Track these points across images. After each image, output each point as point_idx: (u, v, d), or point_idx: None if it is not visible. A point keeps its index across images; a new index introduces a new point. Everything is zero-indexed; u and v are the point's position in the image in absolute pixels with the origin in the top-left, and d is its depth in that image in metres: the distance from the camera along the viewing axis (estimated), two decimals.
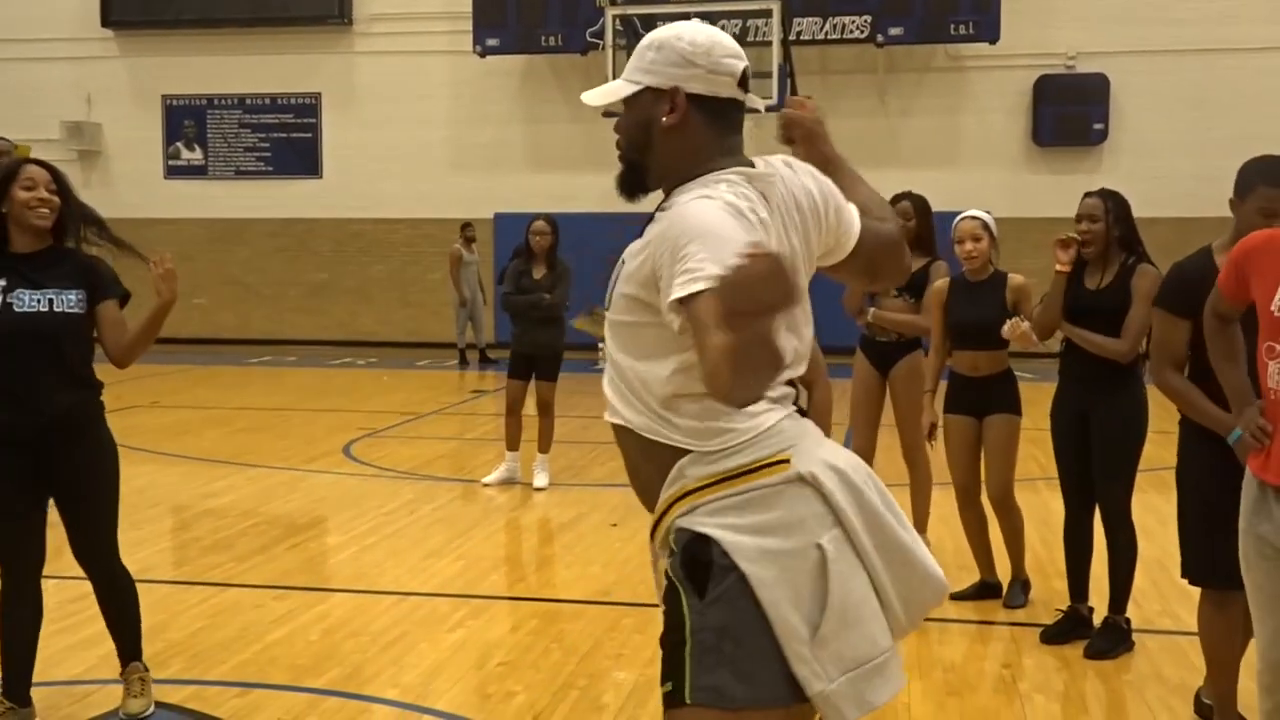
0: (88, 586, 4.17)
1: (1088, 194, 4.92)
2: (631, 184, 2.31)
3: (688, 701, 2.02)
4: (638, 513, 7.21)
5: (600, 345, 10.68)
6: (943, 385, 5.58)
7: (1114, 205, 4.80)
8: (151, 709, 4.15)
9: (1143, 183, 16.77)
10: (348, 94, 19.14)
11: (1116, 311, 4.72)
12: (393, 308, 19.02)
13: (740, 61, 2.20)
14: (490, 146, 18.58)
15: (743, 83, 2.21)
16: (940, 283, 5.52)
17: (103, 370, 4.06)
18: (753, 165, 2.20)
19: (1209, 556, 3.71)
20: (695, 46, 2.18)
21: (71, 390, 3.92)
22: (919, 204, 5.92)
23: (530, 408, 8.28)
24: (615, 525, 7.09)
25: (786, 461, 2.08)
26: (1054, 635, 5.00)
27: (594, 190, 17.87)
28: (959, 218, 5.40)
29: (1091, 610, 5.00)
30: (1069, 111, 17.13)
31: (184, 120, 19.63)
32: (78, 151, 19.59)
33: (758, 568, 2.02)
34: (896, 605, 2.11)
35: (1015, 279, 5.31)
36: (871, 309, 5.99)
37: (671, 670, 2.07)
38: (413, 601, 5.57)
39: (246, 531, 6.95)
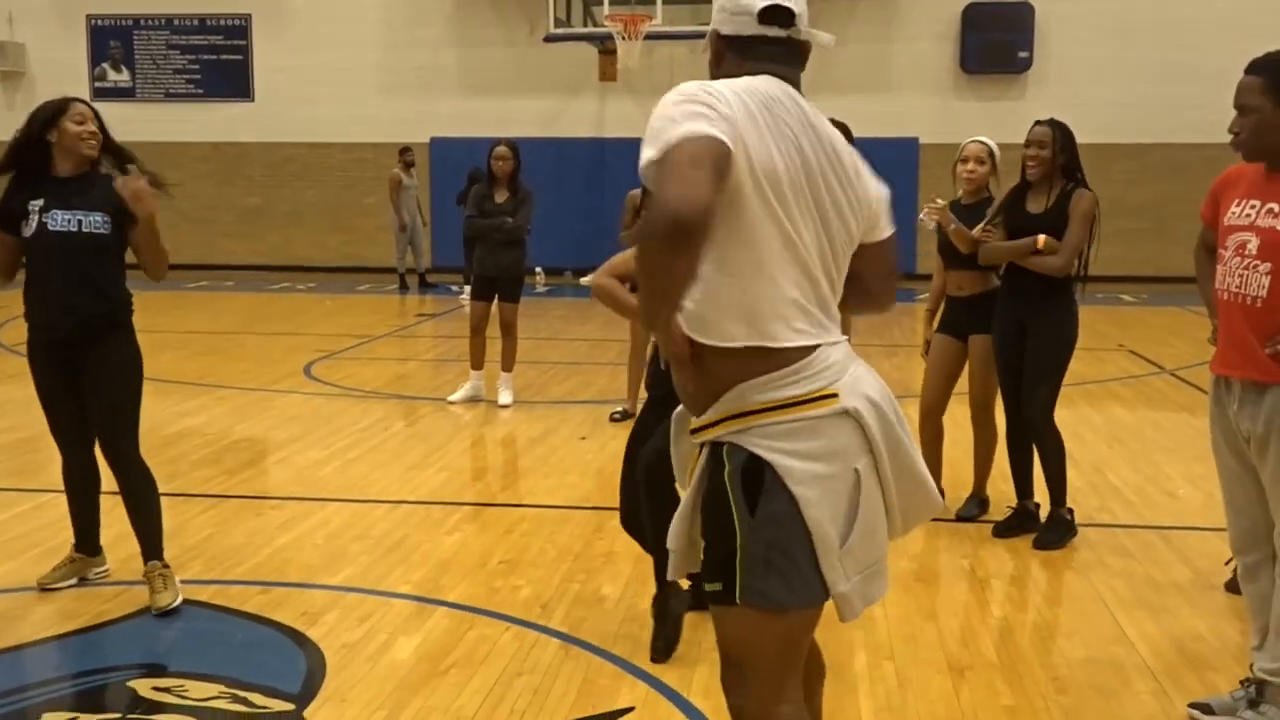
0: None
1: (1038, 122, 5.30)
2: None
3: (738, 601, 2.32)
4: (603, 426, 7.61)
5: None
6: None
7: (1060, 134, 5.19)
8: (179, 600, 4.44)
9: (1066, 109, 17.11)
10: (279, 15, 18.91)
11: (1056, 233, 5.12)
12: (327, 232, 19.01)
13: (759, 1, 2.38)
14: (424, 70, 18.53)
15: (765, 18, 2.37)
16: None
17: None
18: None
19: None
20: None
21: (97, 301, 4.36)
22: (842, 129, 6.29)
23: (493, 329, 8.54)
24: (584, 438, 7.43)
25: (835, 396, 2.30)
26: (1005, 530, 5.46)
27: (530, 114, 18.01)
28: (967, 140, 5.74)
29: (1038, 506, 5.47)
30: (995, 39, 17.56)
31: (110, 40, 19.26)
32: (0, 72, 19.16)
33: (804, 489, 2.26)
34: (897, 516, 2.44)
35: (928, 208, 5.53)
36: None
37: (721, 573, 2.34)
38: (406, 509, 5.88)
39: (229, 448, 7.18)
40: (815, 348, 2.32)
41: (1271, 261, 3.33)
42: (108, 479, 4.63)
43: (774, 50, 2.40)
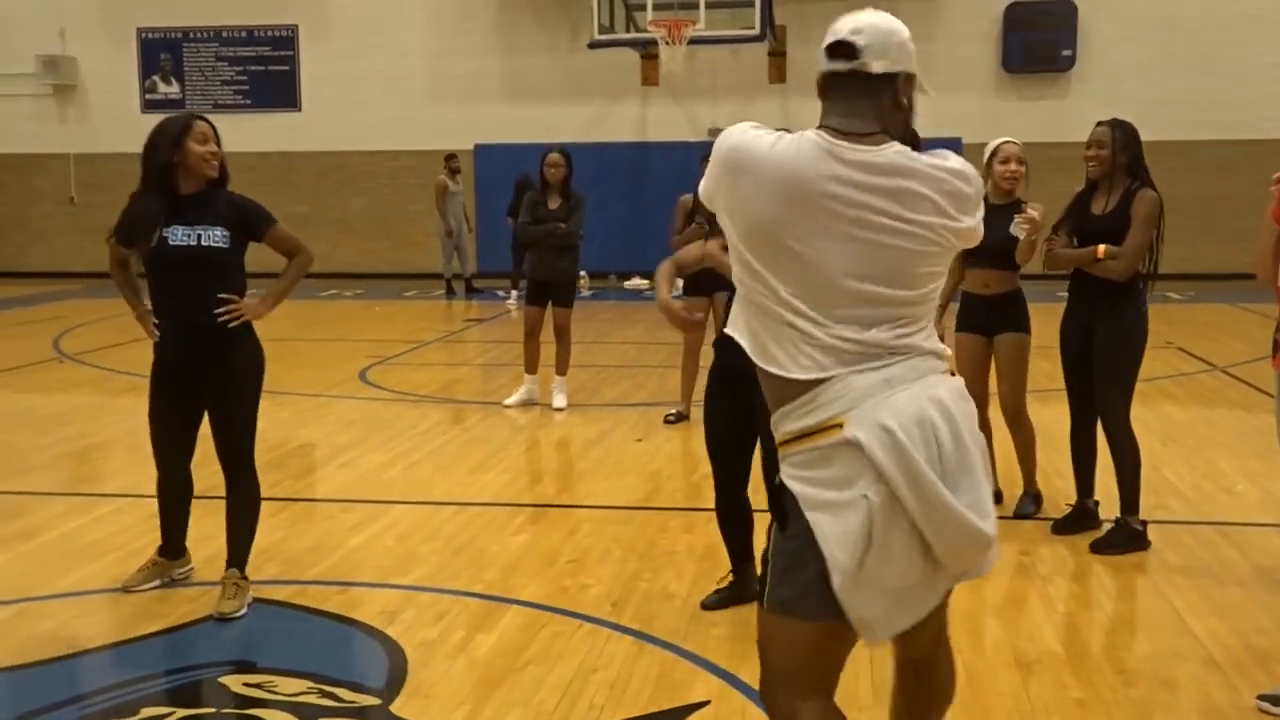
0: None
1: (1099, 123, 5.30)
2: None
3: (763, 605, 2.52)
4: (658, 429, 7.71)
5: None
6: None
7: (1121, 134, 5.18)
8: (243, 611, 4.55)
9: (1109, 108, 17.12)
10: (325, 25, 19.17)
11: (1119, 234, 5.12)
12: (374, 239, 19.24)
13: (830, 36, 2.46)
14: (468, 77, 18.73)
15: (833, 53, 2.44)
16: None
17: None
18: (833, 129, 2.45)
19: None
20: (897, 32, 2.46)
21: (214, 312, 4.48)
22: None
23: (546, 333, 8.66)
24: (640, 440, 7.54)
25: (840, 426, 2.37)
26: (1063, 527, 5.50)
27: (573, 120, 18.15)
28: (1001, 140, 5.73)
29: (1097, 504, 5.50)
30: (1038, 38, 17.55)
31: (160, 53, 19.60)
32: (53, 86, 19.56)
33: (816, 514, 2.39)
34: (939, 552, 2.43)
35: (1034, 207, 5.55)
36: None
37: (761, 580, 2.56)
38: (472, 511, 6.00)
39: (294, 452, 7.34)
40: (829, 379, 2.39)
41: None
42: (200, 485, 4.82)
43: (845, 85, 2.46)
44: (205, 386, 4.56)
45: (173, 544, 4.86)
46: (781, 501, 2.45)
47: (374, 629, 4.41)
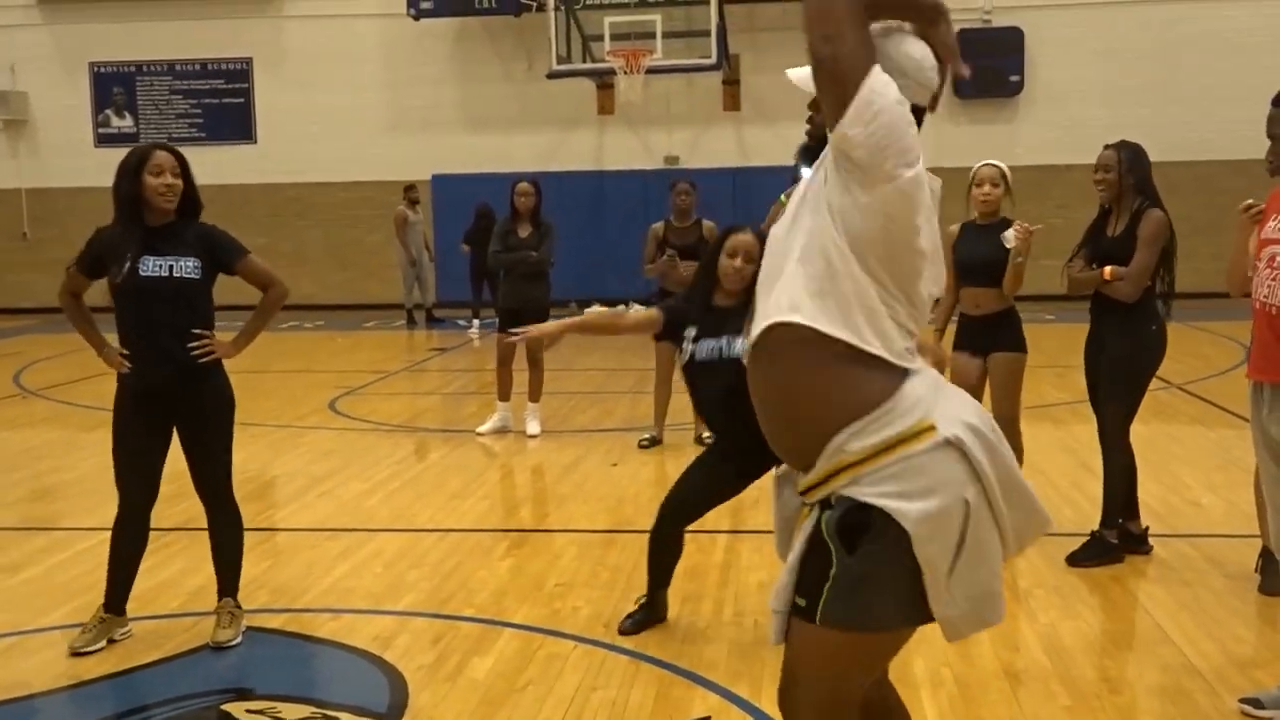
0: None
1: (1106, 146, 5.39)
2: (816, 155, 2.61)
3: (816, 621, 2.37)
4: (633, 453, 7.76)
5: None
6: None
7: (1127, 156, 5.28)
8: (238, 639, 4.57)
9: (1057, 131, 17.71)
10: (279, 58, 19.18)
11: (1131, 255, 5.20)
12: (331, 270, 19.20)
13: (938, 78, 2.49)
14: (425, 109, 18.80)
15: (934, 101, 2.50)
16: (951, 227, 5.97)
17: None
18: None
19: None
20: (907, 61, 2.44)
21: (187, 345, 4.44)
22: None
23: (518, 361, 8.72)
24: (616, 465, 7.61)
25: (933, 428, 2.32)
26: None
27: (529, 149, 18.26)
28: (979, 164, 5.85)
29: (1147, 528, 5.57)
30: (986, 64, 17.85)
31: (113, 87, 19.51)
32: (3, 121, 19.41)
33: (916, 528, 2.29)
34: (1010, 537, 2.46)
35: (1019, 225, 5.61)
36: None
37: (809, 591, 2.40)
38: (456, 536, 6.04)
39: (271, 483, 7.34)
40: (902, 384, 2.37)
41: None
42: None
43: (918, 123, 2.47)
44: (179, 419, 4.52)
45: (118, 598, 4.61)
46: (852, 526, 2.34)
47: (370, 654, 4.44)
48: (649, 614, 4.71)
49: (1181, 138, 16.98)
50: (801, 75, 2.49)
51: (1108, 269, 5.23)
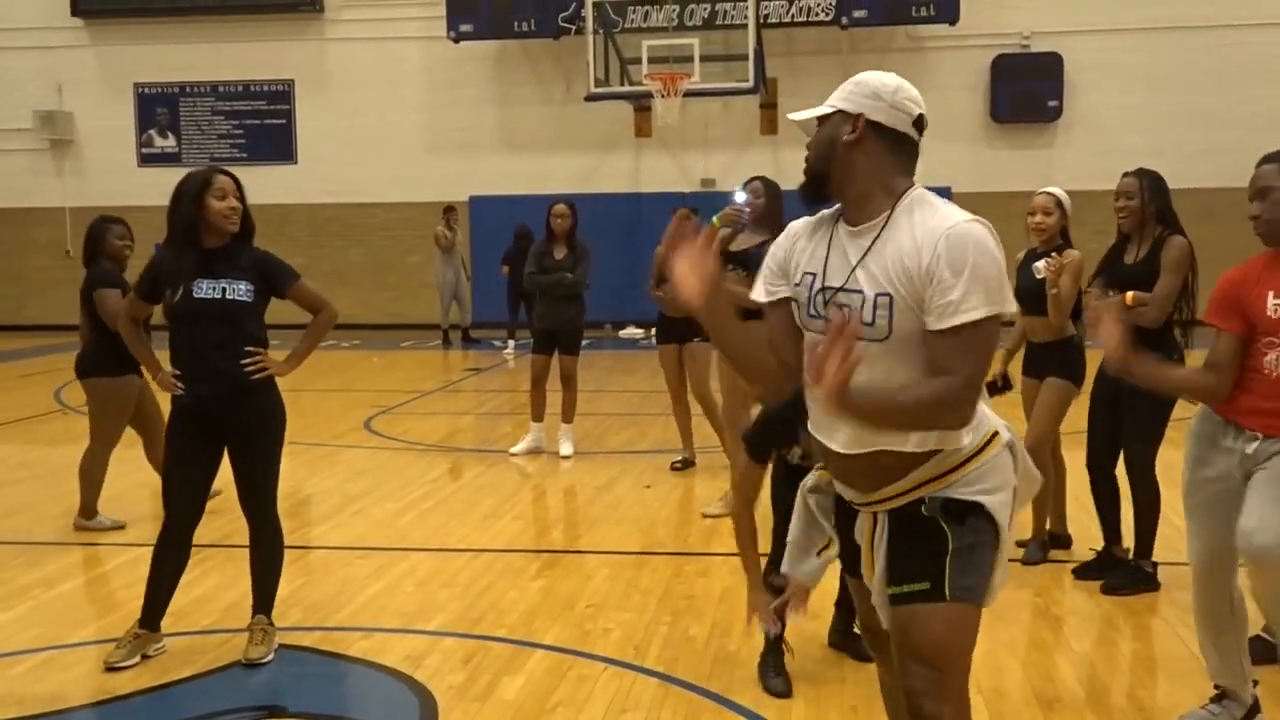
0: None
1: (1125, 173, 5.37)
2: (812, 192, 2.69)
3: (948, 598, 2.58)
4: (665, 475, 7.77)
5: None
6: None
7: (1148, 183, 5.26)
8: (270, 657, 4.60)
9: (1096, 157, 17.59)
10: (321, 80, 19.40)
11: (1151, 282, 5.16)
12: (371, 290, 19.36)
13: (919, 108, 2.63)
14: (464, 130, 18.96)
15: (918, 125, 2.63)
16: (1018, 255, 5.85)
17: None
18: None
19: None
20: (885, 85, 2.62)
21: (240, 363, 4.51)
22: (770, 186, 6.62)
23: (551, 381, 8.75)
24: (649, 487, 7.61)
25: (998, 434, 2.69)
26: (1086, 571, 5.54)
27: (566, 171, 18.36)
28: (1038, 192, 5.81)
29: (1127, 551, 5.54)
30: (1025, 89, 17.86)
31: (156, 108, 19.78)
32: (50, 141, 19.71)
33: (999, 514, 2.65)
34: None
35: (1069, 253, 5.60)
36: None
37: (930, 574, 2.60)
38: (488, 557, 6.06)
39: (306, 501, 7.39)
40: None
41: None
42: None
43: (912, 150, 2.65)
44: (229, 435, 4.58)
45: (154, 614, 4.65)
46: (958, 510, 2.61)
47: (401, 673, 4.45)
48: None
49: (1222, 164, 16.84)
50: (798, 114, 2.73)
51: (1129, 294, 5.18)
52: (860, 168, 2.61)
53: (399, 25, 18.92)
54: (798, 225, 2.79)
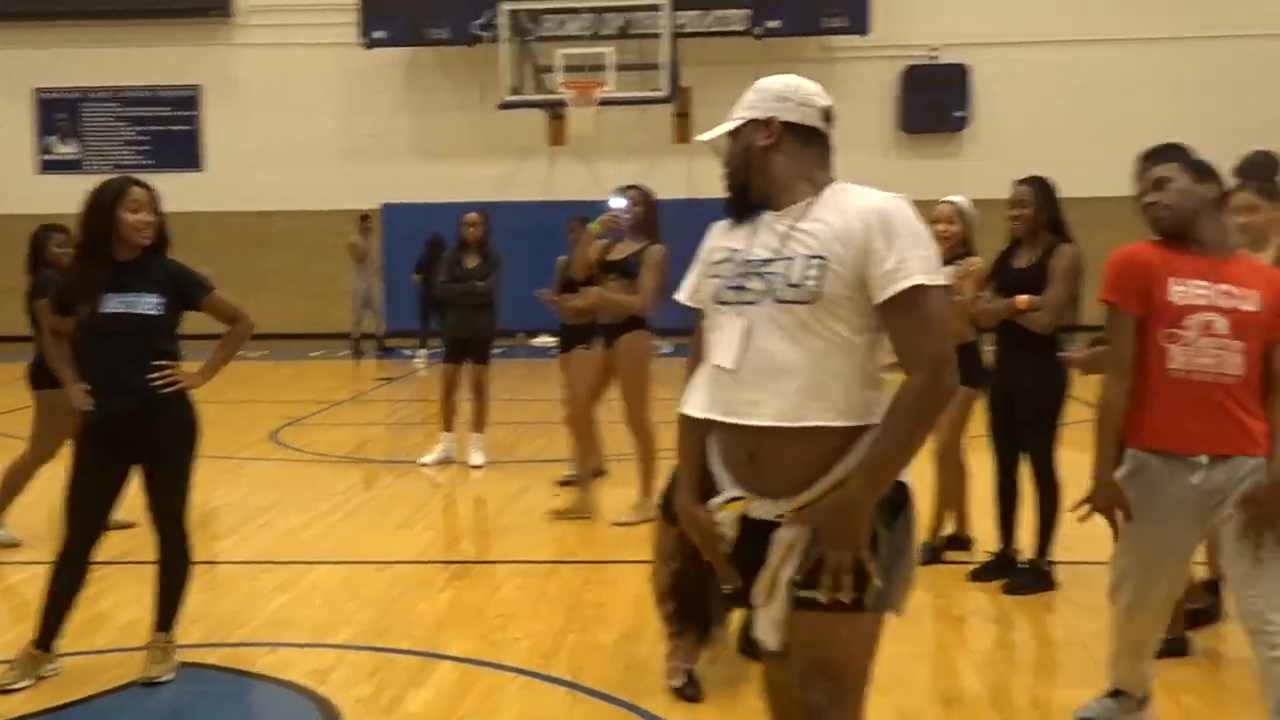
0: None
1: (1018, 181, 5.53)
2: (738, 206, 2.68)
3: (866, 607, 2.49)
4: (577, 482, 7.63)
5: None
6: None
7: (1040, 191, 5.43)
8: (171, 675, 4.49)
9: (1001, 166, 17.77)
10: (229, 86, 19.11)
11: (1041, 288, 5.31)
12: (281, 300, 19.02)
13: (825, 100, 2.66)
14: (378, 137, 18.80)
15: (827, 117, 2.67)
16: None
17: None
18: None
19: None
20: (787, 86, 2.66)
21: (150, 375, 4.38)
22: (645, 194, 6.78)
23: (463, 390, 8.70)
24: (559, 496, 7.59)
25: None
26: (982, 574, 5.66)
27: (481, 179, 18.28)
28: (939, 201, 5.90)
29: (1018, 553, 5.69)
30: (933, 100, 18.19)
31: (57, 113, 19.33)
32: None
33: (914, 498, 2.60)
34: None
35: (973, 260, 5.73)
36: (595, 289, 6.70)
37: (859, 585, 2.47)
38: (397, 569, 6.00)
39: (210, 515, 7.25)
40: None
41: (1244, 341, 3.46)
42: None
43: (825, 144, 2.67)
44: (141, 451, 4.47)
45: (49, 635, 4.51)
46: (893, 501, 2.52)
47: (306, 688, 4.39)
48: None
49: (1121, 174, 17.20)
50: (707, 135, 2.72)
51: (1023, 298, 5.30)
52: (780, 169, 2.61)
53: (310, 31, 18.70)
54: (720, 224, 2.75)
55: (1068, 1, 17.89)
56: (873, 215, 2.46)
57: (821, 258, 2.48)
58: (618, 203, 6.71)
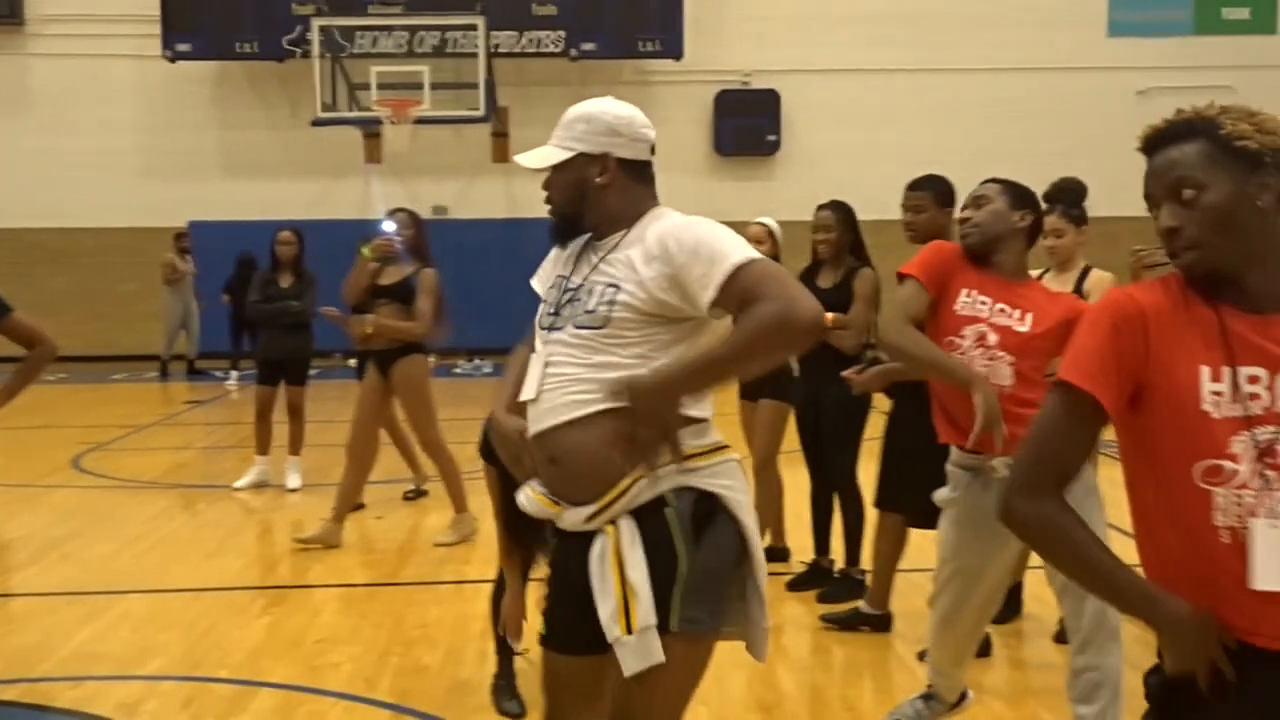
0: None
1: (820, 206, 5.77)
2: (565, 232, 2.71)
3: (671, 629, 2.44)
4: (395, 506, 7.64)
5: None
6: None
7: (843, 216, 5.69)
8: None
9: (810, 188, 18.40)
10: (21, 97, 18.21)
11: (844, 308, 5.53)
12: (79, 321, 18.15)
13: (652, 131, 2.70)
14: (184, 154, 18.18)
15: (653, 149, 2.71)
16: None
17: None
18: None
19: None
20: (619, 119, 2.64)
21: None
22: (414, 217, 7.00)
23: (278, 413, 8.50)
24: (380, 518, 7.51)
25: (728, 447, 2.63)
26: (799, 583, 5.85)
27: (294, 197, 17.86)
28: (750, 222, 6.05)
29: (832, 562, 5.89)
30: (746, 124, 18.65)
31: None
32: None
33: (748, 518, 2.55)
34: None
35: None
36: (370, 316, 6.72)
37: (659, 604, 2.45)
38: (210, 596, 5.83)
39: (5, 547, 6.90)
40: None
41: (1014, 355, 3.65)
42: None
43: (651, 172, 2.72)
44: None
45: None
46: (702, 514, 2.50)
47: None
48: None
49: None
50: (531, 158, 2.68)
51: (830, 315, 5.52)
52: (613, 205, 2.64)
53: (110, 42, 17.96)
54: (556, 249, 2.80)
55: (871, 33, 18.58)
56: (669, 237, 2.52)
57: (615, 285, 2.54)
58: (389, 227, 6.70)
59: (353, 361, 17.03)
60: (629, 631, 2.45)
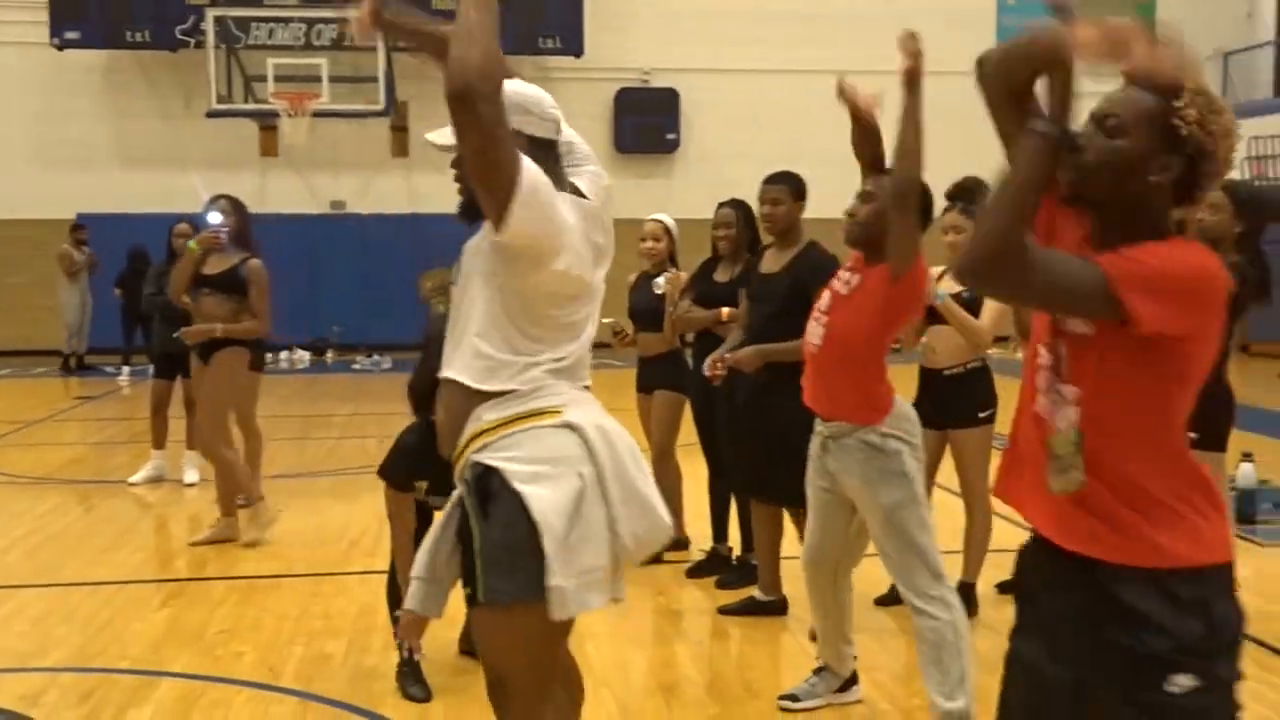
0: None
1: (722, 204, 5.93)
2: (474, 211, 2.74)
3: (480, 601, 2.62)
4: (300, 498, 7.65)
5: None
6: None
7: (743, 213, 5.85)
8: None
9: (708, 187, 18.62)
10: None
11: (737, 303, 5.64)
12: None
13: (559, 112, 2.82)
14: (73, 144, 17.76)
15: (558, 129, 2.82)
16: (630, 275, 6.30)
17: None
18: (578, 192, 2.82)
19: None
20: (528, 98, 2.74)
21: None
22: (236, 204, 7.03)
23: (174, 407, 8.40)
24: (283, 510, 7.47)
25: (558, 412, 2.66)
26: (698, 571, 5.99)
27: (188, 190, 17.51)
28: (646, 219, 6.31)
29: (730, 549, 6.05)
30: (646, 122, 18.82)
31: None
32: None
33: (529, 486, 2.57)
34: (627, 539, 2.70)
35: (679, 274, 6.09)
36: (219, 325, 6.67)
37: (469, 579, 2.65)
38: (109, 590, 5.78)
39: None
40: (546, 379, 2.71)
41: (829, 315, 3.94)
42: None
43: (555, 152, 2.81)
44: None
45: None
46: (484, 490, 2.60)
47: (16, 713, 4.20)
48: None
49: (818, 196, 18.37)
50: (442, 135, 2.71)
51: (725, 310, 5.71)
52: None
53: None
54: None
55: (772, 33, 18.85)
56: None
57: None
58: (215, 218, 6.69)
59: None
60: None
